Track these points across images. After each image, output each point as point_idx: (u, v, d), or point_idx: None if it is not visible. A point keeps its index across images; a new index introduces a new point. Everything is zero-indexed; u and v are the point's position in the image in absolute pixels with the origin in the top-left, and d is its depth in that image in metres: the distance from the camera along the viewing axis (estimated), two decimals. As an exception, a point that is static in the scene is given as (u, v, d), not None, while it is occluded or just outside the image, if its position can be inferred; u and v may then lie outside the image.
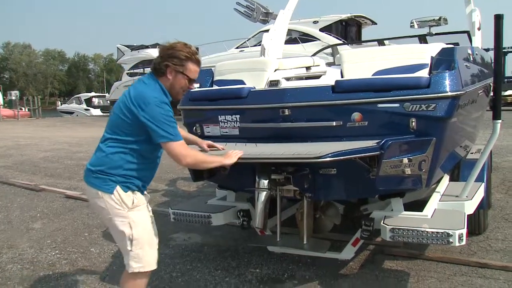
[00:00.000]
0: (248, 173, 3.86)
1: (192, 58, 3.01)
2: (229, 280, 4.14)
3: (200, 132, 4.29)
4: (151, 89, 2.94)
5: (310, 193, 3.83)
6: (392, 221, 3.68)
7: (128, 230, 2.95)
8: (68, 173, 9.84)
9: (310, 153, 3.21)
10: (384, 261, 4.45)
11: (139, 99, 2.88)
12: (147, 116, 2.84)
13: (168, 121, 2.87)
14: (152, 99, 2.86)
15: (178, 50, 2.98)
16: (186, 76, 3.01)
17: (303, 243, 4.03)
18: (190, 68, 3.01)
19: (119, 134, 2.95)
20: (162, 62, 2.98)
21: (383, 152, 3.31)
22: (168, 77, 2.99)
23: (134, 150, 2.96)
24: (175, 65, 2.98)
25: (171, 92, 3.03)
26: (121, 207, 2.95)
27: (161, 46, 3.08)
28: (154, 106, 2.84)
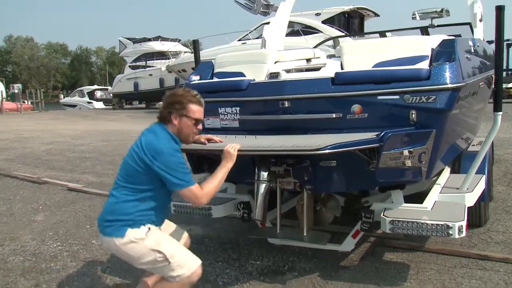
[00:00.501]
0: (248, 165, 3.87)
1: (193, 100, 3.12)
2: (230, 272, 4.16)
3: (201, 124, 4.30)
4: (162, 138, 3.03)
5: (310, 185, 3.84)
6: (392, 213, 3.69)
7: (155, 254, 3.01)
8: (71, 166, 9.86)
9: (309, 145, 3.21)
10: (385, 253, 4.46)
11: (151, 150, 2.97)
12: (161, 166, 2.93)
13: (181, 168, 2.97)
14: (164, 148, 2.96)
15: (178, 96, 3.11)
16: (190, 118, 3.11)
17: (303, 235, 4.05)
18: (193, 109, 3.11)
19: (132, 183, 3.04)
20: (165, 110, 3.11)
21: (382, 144, 3.30)
22: (174, 122, 3.09)
23: (146, 198, 3.04)
24: (178, 110, 3.09)
25: (180, 136, 3.13)
26: (137, 242, 3.01)
27: (164, 96, 3.19)
28: (167, 155, 2.95)
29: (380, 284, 3.82)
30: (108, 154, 11.29)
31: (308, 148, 3.20)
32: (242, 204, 4.38)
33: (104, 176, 8.66)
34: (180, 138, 3.12)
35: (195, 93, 3.16)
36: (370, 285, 3.81)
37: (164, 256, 2.99)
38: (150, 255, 3.00)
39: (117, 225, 3.02)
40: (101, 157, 10.83)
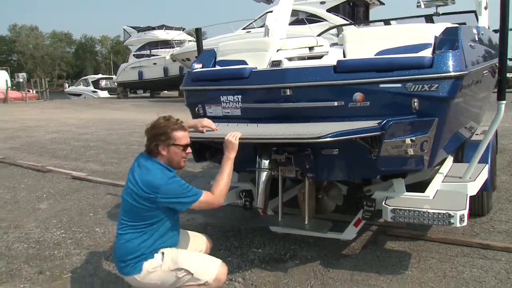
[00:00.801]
0: (250, 154, 3.87)
1: (176, 128, 3.13)
2: (232, 260, 4.18)
3: (203, 113, 4.30)
4: (155, 172, 3.04)
5: (312, 174, 3.84)
6: (393, 201, 3.69)
7: (176, 273, 3.04)
8: (75, 154, 9.90)
9: (310, 134, 3.21)
10: (386, 241, 4.47)
11: (150, 186, 2.99)
12: (165, 196, 2.98)
13: (184, 189, 3.02)
14: (161, 181, 2.98)
15: (161, 127, 3.11)
16: (178, 146, 3.12)
17: (305, 223, 4.06)
18: (179, 136, 3.12)
19: (138, 220, 3.06)
20: (152, 143, 3.11)
21: (384, 133, 3.29)
22: (163, 153, 3.10)
23: (155, 230, 3.08)
24: (164, 141, 3.09)
25: (172, 164, 3.14)
26: (155, 271, 3.06)
27: (146, 130, 3.18)
28: (166, 185, 2.98)
29: (381, 273, 3.84)
30: (112, 143, 11.34)
31: (310, 136, 3.20)
32: (244, 192, 4.40)
33: (108, 165, 8.70)
34: (172, 166, 3.14)
35: (175, 120, 3.18)
36: (371, 274, 3.83)
37: (186, 270, 3.03)
38: (172, 276, 3.05)
39: (132, 263, 3.07)
40: (105, 146, 10.88)
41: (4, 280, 3.94)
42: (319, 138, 3.12)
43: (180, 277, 3.03)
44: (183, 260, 3.07)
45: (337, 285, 3.69)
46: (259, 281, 3.81)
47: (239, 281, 3.81)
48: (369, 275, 3.81)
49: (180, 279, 3.03)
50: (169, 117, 3.19)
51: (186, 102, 4.46)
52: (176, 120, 3.18)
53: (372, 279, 3.74)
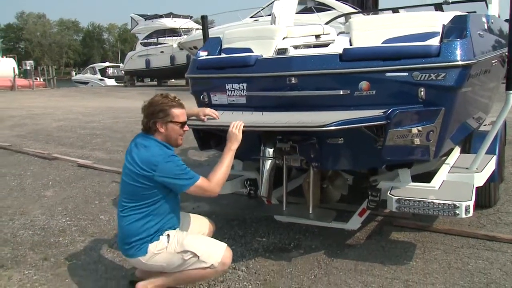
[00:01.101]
0: (254, 142, 3.88)
1: (174, 105, 3.17)
2: (236, 249, 4.19)
3: (208, 101, 4.30)
4: (153, 150, 3.08)
5: (317, 163, 3.83)
6: (398, 191, 3.68)
7: (182, 255, 3.09)
8: (81, 142, 9.95)
9: (315, 122, 3.21)
10: (391, 232, 4.47)
11: (148, 163, 3.03)
12: (162, 174, 3.01)
13: (181, 169, 3.06)
14: (159, 158, 3.02)
15: (158, 104, 3.16)
16: (176, 123, 3.17)
17: (309, 212, 4.07)
18: (177, 113, 3.17)
19: (138, 201, 3.10)
20: (149, 121, 3.15)
21: (389, 122, 3.29)
22: (161, 131, 3.15)
23: (156, 209, 3.12)
24: (163, 118, 3.14)
25: (170, 142, 3.19)
26: (161, 253, 3.10)
27: (143, 107, 3.23)
28: (164, 163, 3.02)
29: (386, 263, 3.84)
30: (119, 131, 11.37)
31: (314, 124, 3.20)
32: (249, 181, 4.40)
33: (114, 153, 8.74)
34: (169, 143, 3.18)
35: (173, 97, 3.21)
36: (375, 264, 3.84)
37: (192, 253, 3.07)
38: (179, 258, 3.08)
39: (137, 245, 3.10)
40: (112, 134, 10.91)
41: (9, 266, 3.99)
42: (324, 126, 3.12)
43: (186, 259, 3.06)
44: (189, 242, 3.10)
45: (340, 274, 3.70)
46: (263, 270, 3.82)
47: (242, 269, 3.83)
48: (373, 265, 3.81)
49: (186, 261, 3.07)
50: (167, 95, 3.23)
51: (191, 90, 4.46)
52: (174, 97, 3.21)
53: (376, 269, 3.75)
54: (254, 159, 4.11)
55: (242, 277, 3.71)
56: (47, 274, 3.85)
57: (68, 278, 3.78)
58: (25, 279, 3.79)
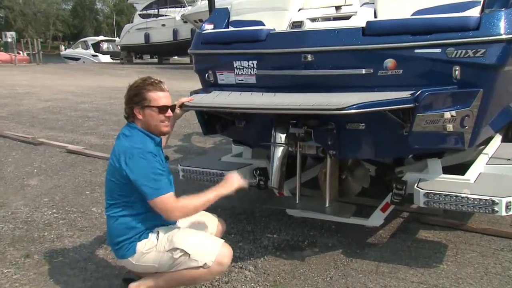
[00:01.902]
0: (265, 127, 3.93)
1: (150, 88, 3.16)
2: (243, 246, 4.28)
3: (213, 80, 4.34)
4: (133, 139, 3.12)
5: (335, 151, 3.88)
6: (427, 184, 3.71)
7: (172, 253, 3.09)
8: (71, 126, 10.07)
9: (332, 104, 3.23)
10: (419, 230, 4.51)
11: (123, 153, 3.06)
12: (131, 170, 3.02)
13: (152, 173, 3.02)
14: (134, 150, 3.04)
15: (134, 88, 3.19)
16: (153, 107, 3.16)
17: (325, 206, 4.13)
18: (153, 97, 3.16)
19: (120, 197, 3.16)
20: (127, 107, 3.20)
21: (417, 105, 3.29)
22: (139, 117, 3.18)
23: (143, 206, 3.13)
24: (138, 102, 3.16)
25: (151, 130, 3.20)
26: (150, 252, 3.15)
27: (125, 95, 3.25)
28: (137, 158, 3.02)
29: (412, 265, 3.87)
30: (114, 113, 11.47)
31: (332, 107, 3.22)
32: (258, 170, 4.46)
33: (109, 138, 8.85)
34: (151, 132, 3.20)
35: (152, 80, 3.21)
36: (400, 266, 3.87)
37: (182, 250, 3.07)
38: (168, 257, 3.10)
39: (125, 245, 3.17)
40: (106, 117, 11.03)
41: (-15, 264, 4.02)
42: (343, 109, 3.14)
43: (176, 258, 3.07)
44: (179, 239, 3.11)
45: (360, 277, 3.75)
46: (273, 269, 3.89)
47: (250, 269, 3.90)
48: (397, 267, 3.85)
49: (176, 260, 3.08)
50: (147, 78, 3.25)
51: (194, 67, 4.51)
52: (154, 80, 3.22)
53: (400, 271, 3.79)
54: (264, 146, 4.17)
55: (250, 278, 3.78)
56: (29, 273, 3.89)
57: (53, 278, 3.82)
58: (4, 278, 3.80)
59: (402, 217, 4.81)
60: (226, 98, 3.89)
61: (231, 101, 3.81)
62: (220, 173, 4.35)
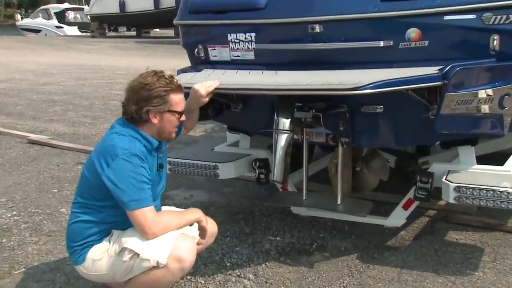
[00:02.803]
0: (266, 111, 3.96)
1: (172, 89, 3.18)
2: (240, 250, 4.31)
3: (204, 56, 4.36)
4: (122, 138, 3.11)
5: (348, 138, 3.89)
6: (458, 177, 3.72)
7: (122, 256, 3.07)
8: (33, 111, 10.05)
9: (345, 83, 3.24)
10: (448, 231, 4.54)
11: (106, 153, 3.08)
12: (110, 175, 3.03)
13: (137, 181, 3.03)
14: (120, 151, 3.04)
15: (153, 88, 3.14)
16: (174, 113, 3.21)
17: (337, 203, 4.15)
18: (175, 101, 3.20)
19: (89, 199, 3.19)
20: (140, 109, 3.14)
21: (447, 82, 3.29)
22: (154, 122, 3.18)
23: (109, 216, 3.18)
24: (158, 105, 3.15)
25: (162, 136, 3.25)
26: (101, 258, 3.16)
27: (129, 89, 3.21)
28: (121, 160, 3.03)
29: (440, 272, 3.89)
30: (85, 96, 11.50)
31: (345, 86, 3.22)
32: (258, 162, 4.48)
33: (79, 126, 8.87)
34: (161, 138, 3.26)
35: (171, 77, 3.22)
36: (426, 273, 3.89)
37: (130, 250, 3.04)
38: (120, 261, 3.08)
39: (77, 251, 3.21)
40: (76, 101, 11.04)
41: None
42: (358, 89, 3.14)
43: (126, 260, 3.05)
44: (128, 237, 3.10)
45: (379, 286, 3.77)
46: (276, 278, 3.92)
47: (249, 277, 3.92)
48: (423, 275, 3.87)
49: (127, 264, 3.06)
50: (162, 73, 3.21)
51: (181, 41, 4.51)
52: (170, 76, 3.23)
53: (427, 280, 3.81)
54: (265, 134, 4.19)
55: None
56: (-16, 289, 3.89)
57: (14, 293, 3.82)
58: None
59: (428, 216, 4.84)
60: (219, 78, 3.89)
61: (226, 80, 3.81)
62: (214, 166, 4.38)
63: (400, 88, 3.31)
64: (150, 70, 3.25)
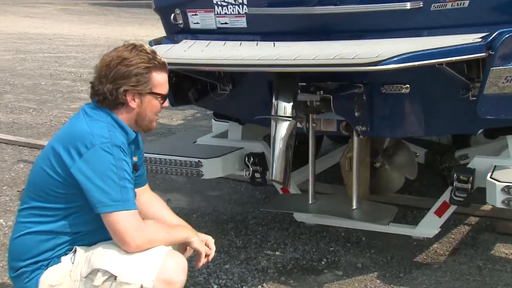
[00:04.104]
0: (262, 92, 4.00)
1: (155, 66, 3.14)
2: (231, 269, 4.34)
3: (183, 23, 4.37)
4: (98, 124, 3.05)
5: (365, 126, 3.90)
6: (507, 174, 3.74)
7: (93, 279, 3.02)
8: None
9: (361, 57, 3.24)
10: (495, 244, 4.56)
11: (78, 140, 2.98)
12: (84, 168, 2.94)
13: (117, 176, 2.97)
14: (98, 140, 2.96)
15: (132, 64, 3.09)
16: (156, 95, 3.17)
17: (352, 208, 4.16)
18: (158, 81, 3.17)
19: (46, 201, 3.08)
20: (117, 89, 3.07)
21: (492, 53, 3.30)
22: (132, 105, 3.12)
23: (69, 225, 3.10)
24: (138, 85, 3.09)
25: (141, 124, 3.21)
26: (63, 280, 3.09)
27: (102, 65, 3.15)
28: (100, 151, 2.95)
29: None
30: (27, 74, 11.49)
31: (361, 60, 3.22)
32: (252, 157, 4.49)
33: (20, 112, 8.88)
34: (139, 128, 3.24)
35: (152, 50, 3.20)
36: (467, 296, 3.94)
37: (104, 271, 3.00)
38: (89, 285, 3.05)
39: (27, 273, 3.10)
40: (14, 80, 11.02)
41: None
42: (378, 63, 3.14)
43: (98, 285, 3.02)
44: (99, 256, 3.06)
45: (406, 313, 3.83)
46: (276, 303, 3.97)
47: (242, 302, 3.98)
48: (463, 299, 3.92)
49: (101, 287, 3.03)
50: (142, 47, 3.19)
51: (153, 4, 4.51)
52: (154, 53, 3.19)
53: (468, 304, 3.86)
54: (260, 121, 4.20)
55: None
56: None
57: None
58: None
59: (468, 224, 4.87)
60: (203, 51, 3.90)
61: (211, 54, 3.81)
62: (196, 162, 4.38)
63: (431, 62, 3.30)
64: (128, 43, 3.20)
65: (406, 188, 4.65)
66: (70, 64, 11.90)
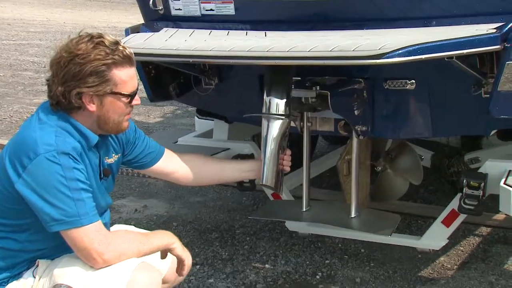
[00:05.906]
0: (251, 87, 4.03)
1: (115, 61, 2.99)
2: (215, 283, 4.36)
3: (163, 9, 4.36)
4: (46, 130, 2.96)
5: (365, 126, 3.93)
6: None
7: None
8: None
9: (362, 48, 3.25)
10: (509, 258, 4.60)
11: (21, 150, 2.91)
12: (28, 182, 2.87)
13: (67, 188, 2.87)
14: (42, 148, 2.86)
15: (87, 62, 2.95)
16: (120, 95, 3.05)
17: (350, 216, 4.17)
18: (121, 78, 3.03)
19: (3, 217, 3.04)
20: (69, 92, 2.96)
21: (508, 46, 3.32)
22: (90, 109, 3.02)
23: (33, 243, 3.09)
24: (94, 86, 2.96)
25: (106, 128, 3.12)
26: None
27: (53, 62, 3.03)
28: (44, 160, 2.85)
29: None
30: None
31: (362, 53, 3.22)
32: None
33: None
34: (105, 130, 3.14)
35: (113, 41, 3.03)
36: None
37: (68, 287, 2.95)
38: None
39: None
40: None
41: None
42: (381, 56, 3.13)
43: None
44: (62, 270, 3.02)
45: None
46: (265, 322, 3.99)
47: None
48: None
49: None
50: (101, 38, 3.03)
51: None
52: (115, 44, 3.04)
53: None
54: (249, 120, 4.21)
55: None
56: None
57: None
58: None
59: (480, 236, 4.91)
60: (186, 41, 3.91)
61: (195, 45, 3.79)
62: None
63: (440, 55, 3.28)
64: (84, 34, 3.05)
65: (410, 195, 4.69)
66: (32, 53, 11.88)
